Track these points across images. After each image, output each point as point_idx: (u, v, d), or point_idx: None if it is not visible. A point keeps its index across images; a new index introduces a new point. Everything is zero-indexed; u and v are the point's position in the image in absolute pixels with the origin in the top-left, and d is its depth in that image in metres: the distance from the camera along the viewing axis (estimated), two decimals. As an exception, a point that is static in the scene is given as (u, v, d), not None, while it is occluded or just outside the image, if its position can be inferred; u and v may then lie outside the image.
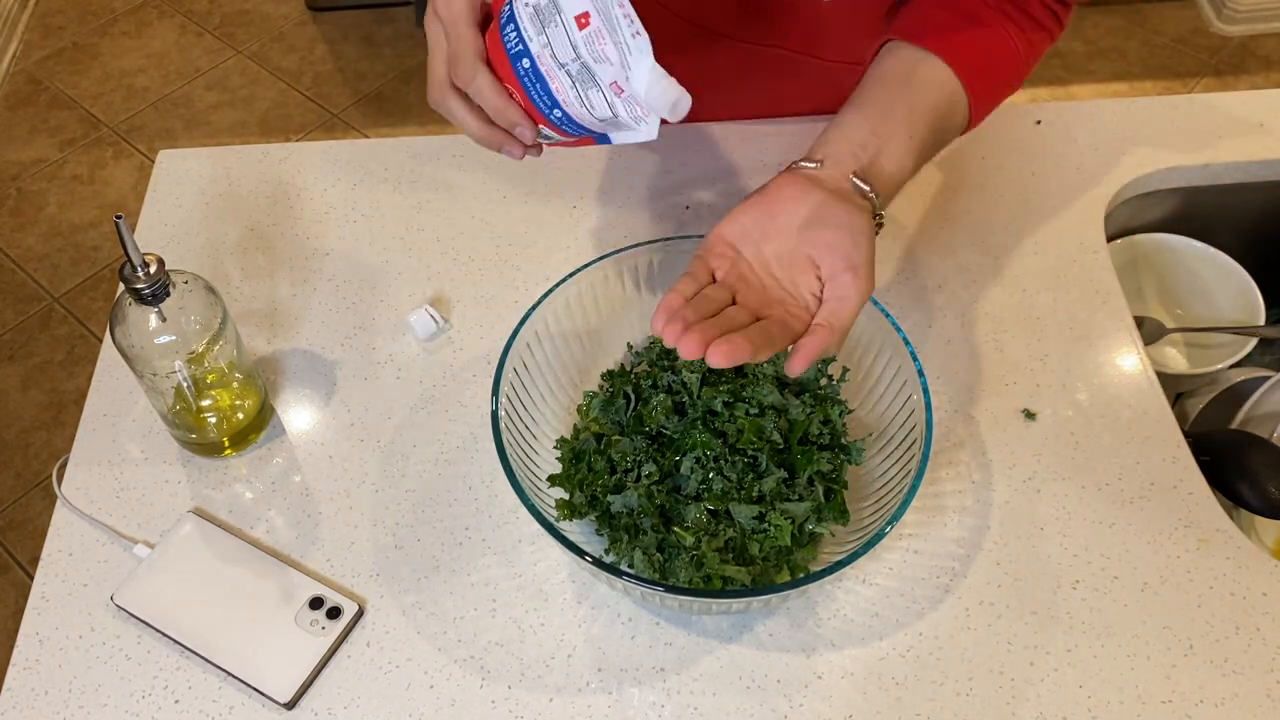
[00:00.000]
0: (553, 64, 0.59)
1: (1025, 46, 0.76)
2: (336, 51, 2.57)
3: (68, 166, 2.35)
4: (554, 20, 0.57)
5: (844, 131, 0.69)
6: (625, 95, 0.59)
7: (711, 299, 0.62)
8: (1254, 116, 1.00)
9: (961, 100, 0.73)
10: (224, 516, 0.78)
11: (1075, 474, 0.78)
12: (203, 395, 0.77)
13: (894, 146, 0.69)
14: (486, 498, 0.78)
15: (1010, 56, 0.75)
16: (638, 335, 0.82)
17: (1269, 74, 2.40)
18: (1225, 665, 0.69)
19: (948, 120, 0.73)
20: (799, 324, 0.62)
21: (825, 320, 0.62)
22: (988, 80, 0.74)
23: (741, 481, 0.70)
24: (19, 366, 2.01)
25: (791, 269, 0.64)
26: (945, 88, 0.72)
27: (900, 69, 0.73)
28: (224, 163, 1.00)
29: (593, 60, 0.57)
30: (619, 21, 0.56)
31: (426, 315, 0.86)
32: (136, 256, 0.68)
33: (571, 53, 0.58)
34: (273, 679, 0.69)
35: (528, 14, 0.58)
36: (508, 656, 0.70)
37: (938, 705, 0.68)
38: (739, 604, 0.68)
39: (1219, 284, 1.01)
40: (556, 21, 0.57)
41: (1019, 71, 0.77)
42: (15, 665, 0.71)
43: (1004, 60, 0.76)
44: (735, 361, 0.57)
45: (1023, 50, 0.76)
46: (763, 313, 0.62)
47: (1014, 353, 0.84)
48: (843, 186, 0.66)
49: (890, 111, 0.70)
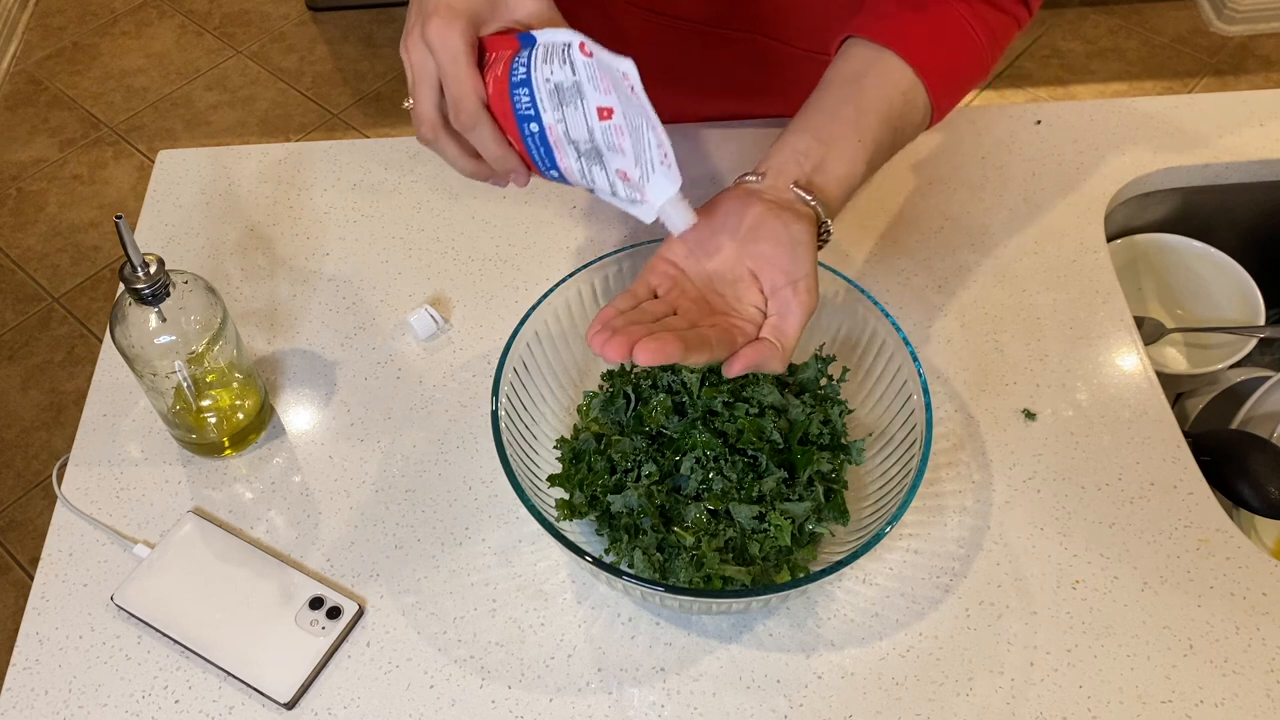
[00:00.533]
0: (563, 138, 0.57)
1: (987, 35, 0.74)
2: (336, 51, 2.58)
3: (68, 166, 2.35)
4: (574, 103, 0.56)
5: (787, 140, 0.68)
6: (630, 183, 0.58)
7: (648, 311, 0.60)
8: (1254, 116, 1.00)
9: (920, 94, 0.72)
10: (224, 516, 0.78)
11: (1075, 474, 0.78)
12: (203, 395, 0.77)
13: (840, 151, 0.67)
14: (486, 498, 0.78)
15: (971, 47, 0.74)
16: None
17: (1269, 74, 2.41)
18: (1225, 665, 0.69)
19: (904, 118, 0.72)
20: (743, 337, 0.61)
21: (770, 335, 0.61)
22: (947, 73, 0.73)
23: (741, 481, 0.70)
24: (19, 366, 2.01)
25: (735, 285, 0.63)
26: (900, 84, 0.71)
27: (853, 69, 0.72)
28: (224, 163, 1.00)
29: (606, 148, 0.57)
30: (647, 139, 0.55)
31: (426, 315, 0.86)
32: (136, 256, 0.68)
33: (586, 135, 0.57)
34: (273, 679, 0.69)
35: (546, 89, 0.56)
36: (508, 656, 0.70)
37: (938, 705, 0.68)
38: (739, 604, 0.68)
39: (1219, 284, 1.01)
40: (577, 105, 0.56)
41: (982, 61, 0.75)
42: (15, 665, 0.71)
43: (964, 51, 0.74)
44: (663, 359, 0.55)
45: (984, 40, 0.74)
46: (703, 325, 0.61)
47: (1014, 353, 0.84)
48: (784, 197, 0.65)
49: (837, 114, 0.69)
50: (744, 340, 0.61)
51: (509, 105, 0.58)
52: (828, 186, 0.67)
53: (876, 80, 0.71)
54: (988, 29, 0.74)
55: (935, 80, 0.72)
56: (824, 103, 0.71)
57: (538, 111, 0.57)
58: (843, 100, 0.70)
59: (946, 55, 0.73)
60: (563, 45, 0.55)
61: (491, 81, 0.59)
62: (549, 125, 0.57)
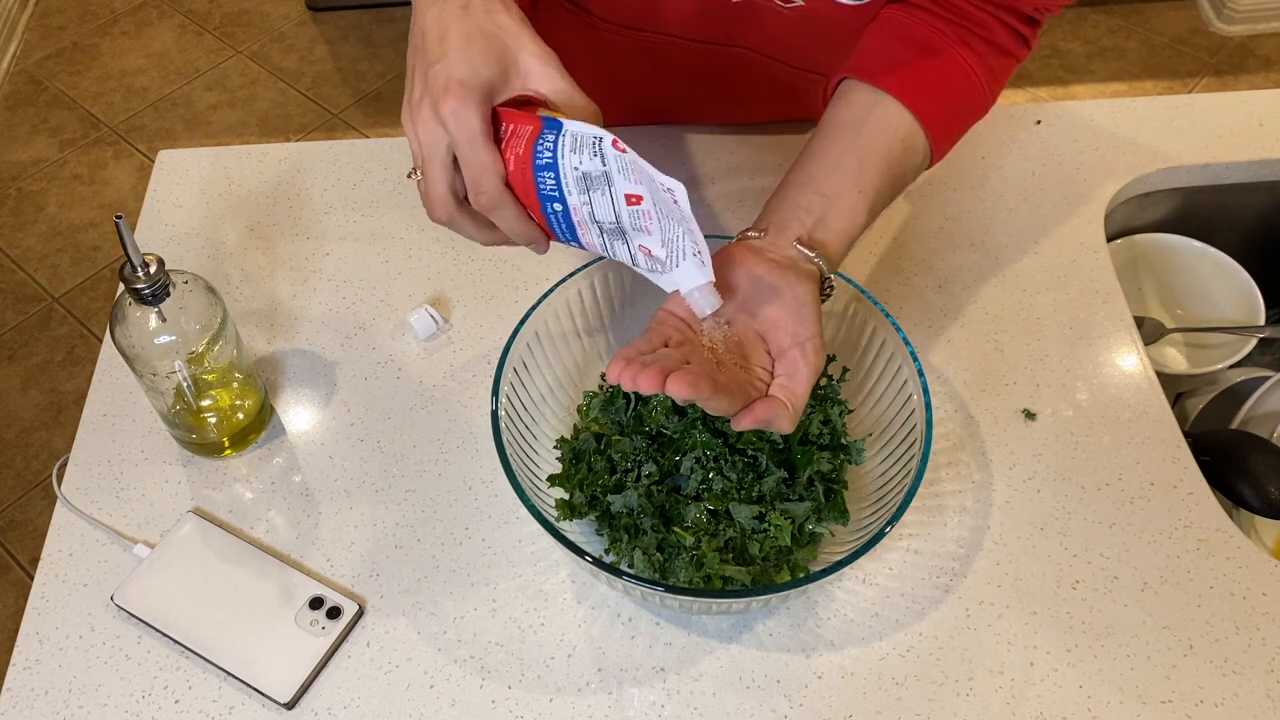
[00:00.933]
0: (587, 219, 0.57)
1: (987, 76, 0.74)
2: (336, 51, 2.58)
3: (68, 166, 2.35)
4: (602, 189, 0.55)
5: (788, 195, 0.68)
6: (652, 258, 0.57)
7: (667, 355, 0.60)
8: (1254, 116, 1.00)
9: (919, 139, 0.71)
10: (224, 516, 0.78)
11: (1075, 474, 0.78)
12: (203, 395, 0.77)
13: (842, 205, 0.67)
14: (486, 498, 0.78)
15: (970, 87, 0.74)
16: (638, 336, 0.82)
17: (1269, 74, 2.41)
18: (1225, 665, 0.69)
19: (903, 165, 0.71)
20: (755, 392, 0.61)
21: (779, 394, 0.61)
22: (946, 116, 0.73)
23: (741, 481, 0.70)
24: (19, 366, 2.01)
25: (741, 346, 0.63)
26: (900, 130, 0.70)
27: (852, 116, 0.71)
28: (224, 163, 1.00)
29: (632, 229, 0.56)
30: (678, 232, 0.55)
31: (426, 315, 0.86)
32: (136, 256, 0.68)
33: (612, 218, 0.56)
34: (273, 679, 0.69)
35: (574, 176, 0.55)
36: (508, 656, 0.70)
37: (938, 705, 0.68)
38: (739, 604, 0.68)
39: (1219, 284, 1.01)
40: (605, 191, 0.55)
41: (982, 101, 0.75)
42: (15, 665, 0.71)
43: (964, 93, 0.74)
44: (697, 392, 0.55)
45: (984, 80, 0.74)
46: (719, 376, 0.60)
47: (1014, 353, 0.84)
48: (787, 254, 0.65)
49: (838, 165, 0.69)
50: (755, 395, 0.60)
51: (531, 183, 0.57)
52: (829, 241, 0.67)
53: (875, 128, 0.70)
54: (988, 70, 0.74)
55: (935, 125, 0.71)
56: (824, 153, 0.70)
57: (562, 195, 0.56)
58: (843, 150, 0.69)
59: (946, 98, 0.73)
60: (593, 138, 0.53)
61: (512, 159, 0.57)
62: (573, 207, 0.56)
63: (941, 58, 0.72)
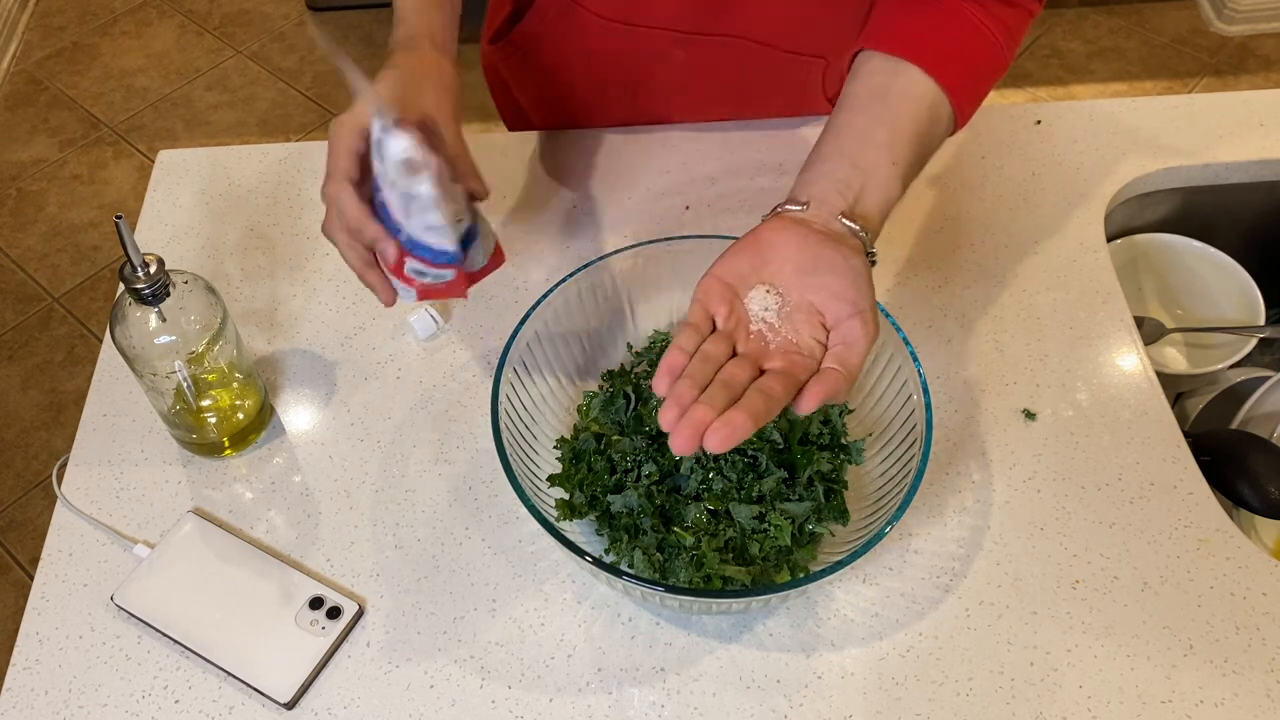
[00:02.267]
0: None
1: (1003, 33, 0.73)
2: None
3: (68, 166, 2.35)
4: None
5: (826, 168, 0.68)
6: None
7: (712, 358, 0.60)
8: (1254, 116, 1.00)
9: (944, 105, 0.71)
10: (224, 516, 0.78)
11: (1075, 474, 0.78)
12: (203, 395, 0.77)
13: (878, 177, 0.67)
14: (486, 498, 0.78)
15: (988, 47, 0.73)
16: (638, 335, 0.82)
17: (1269, 74, 2.41)
18: (1225, 665, 0.69)
19: (931, 132, 0.71)
20: (804, 373, 0.60)
21: (835, 364, 0.60)
22: (968, 78, 0.72)
23: (741, 481, 0.70)
24: (19, 366, 2.01)
25: (793, 317, 0.62)
26: (925, 99, 0.70)
27: (876, 85, 0.71)
28: (224, 163, 1.00)
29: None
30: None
31: (426, 315, 0.86)
32: (136, 256, 0.68)
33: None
34: (273, 679, 0.69)
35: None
36: (508, 656, 0.70)
37: (938, 705, 0.68)
38: (739, 604, 0.68)
39: (1219, 284, 1.01)
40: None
41: (1001, 60, 0.74)
42: (15, 665, 0.71)
43: (982, 53, 0.73)
44: (734, 444, 0.55)
45: (1001, 38, 0.73)
46: (765, 363, 0.60)
47: (1014, 353, 0.84)
48: (833, 228, 0.65)
49: (870, 137, 0.68)
50: (805, 375, 0.60)
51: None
52: (870, 214, 0.67)
53: (901, 97, 0.70)
54: (1003, 26, 0.73)
55: (958, 89, 0.71)
56: (854, 124, 0.69)
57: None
58: (873, 121, 0.69)
59: (965, 61, 0.72)
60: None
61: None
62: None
63: (957, 18, 0.72)
